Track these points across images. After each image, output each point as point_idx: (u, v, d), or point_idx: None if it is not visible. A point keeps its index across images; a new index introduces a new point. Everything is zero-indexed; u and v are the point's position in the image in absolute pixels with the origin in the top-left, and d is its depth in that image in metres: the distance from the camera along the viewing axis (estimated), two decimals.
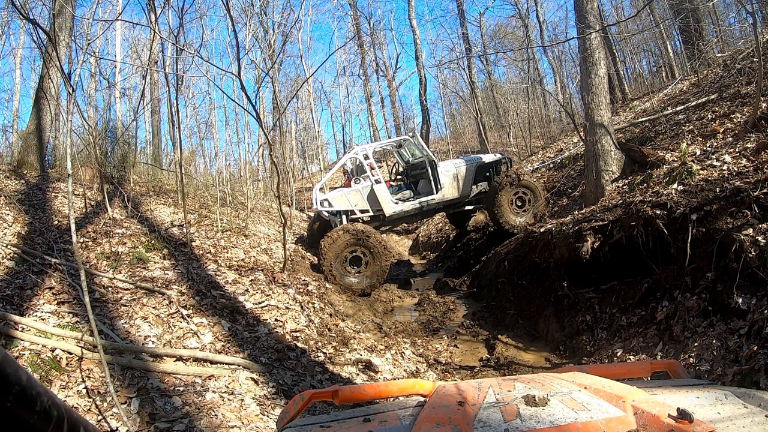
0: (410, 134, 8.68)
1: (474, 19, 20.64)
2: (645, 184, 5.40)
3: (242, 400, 3.28)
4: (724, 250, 3.66)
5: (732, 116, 6.11)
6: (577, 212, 6.12)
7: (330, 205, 7.57)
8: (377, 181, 7.62)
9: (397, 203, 7.81)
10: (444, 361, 4.95)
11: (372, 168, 7.66)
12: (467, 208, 8.49)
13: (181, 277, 4.93)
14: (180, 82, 7.62)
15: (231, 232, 7.19)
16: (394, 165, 9.72)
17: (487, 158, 8.48)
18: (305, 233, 10.08)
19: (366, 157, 7.72)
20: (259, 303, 4.96)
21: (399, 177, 9.42)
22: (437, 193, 7.90)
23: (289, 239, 7.91)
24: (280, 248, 6.87)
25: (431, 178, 7.93)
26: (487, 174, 8.42)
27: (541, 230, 5.93)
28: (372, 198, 7.63)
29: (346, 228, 7.01)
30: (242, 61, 6.86)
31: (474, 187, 8.24)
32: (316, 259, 7.52)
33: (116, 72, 15.75)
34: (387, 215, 7.74)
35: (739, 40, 11.92)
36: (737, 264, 3.46)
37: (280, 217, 7.00)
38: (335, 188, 8.61)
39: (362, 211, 7.66)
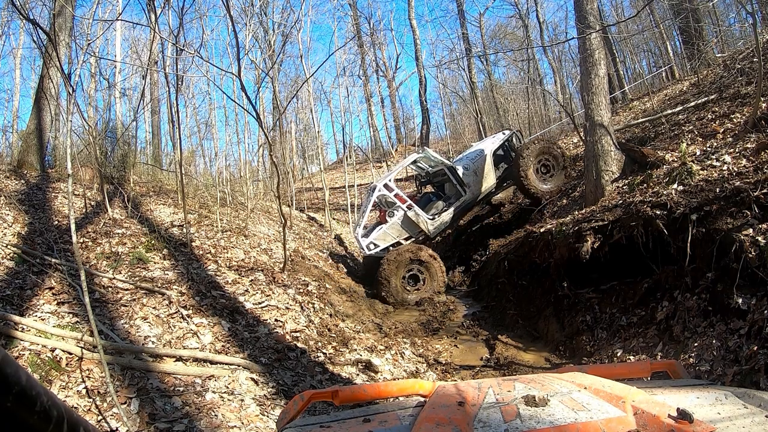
0: (419, 150, 9.04)
1: (474, 19, 20.67)
2: (645, 185, 5.39)
3: (242, 400, 3.28)
4: (724, 250, 3.66)
5: (732, 116, 6.10)
6: (577, 212, 6.11)
7: (376, 245, 7.85)
8: (409, 207, 7.91)
9: (433, 218, 8.04)
10: (444, 361, 4.95)
11: (399, 197, 7.95)
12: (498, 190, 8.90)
13: (181, 278, 4.93)
14: (180, 82, 7.62)
15: (231, 232, 7.19)
16: (416, 178, 10.02)
17: (492, 144, 8.79)
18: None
19: (390, 189, 7.99)
20: (259, 303, 4.96)
21: (425, 187, 9.71)
22: (466, 193, 8.17)
23: (289, 239, 7.90)
24: (280, 248, 6.86)
25: (455, 182, 8.21)
26: (502, 153, 8.76)
27: (541, 230, 5.93)
28: (410, 224, 7.92)
29: (399, 251, 7.35)
30: (242, 61, 6.86)
31: (496, 170, 8.56)
32: (316, 259, 7.54)
33: (116, 72, 15.70)
34: (430, 233, 8.05)
35: (739, 40, 11.92)
36: (737, 264, 3.45)
37: (280, 217, 7.00)
38: (369, 228, 8.57)
39: (407, 239, 7.97)
